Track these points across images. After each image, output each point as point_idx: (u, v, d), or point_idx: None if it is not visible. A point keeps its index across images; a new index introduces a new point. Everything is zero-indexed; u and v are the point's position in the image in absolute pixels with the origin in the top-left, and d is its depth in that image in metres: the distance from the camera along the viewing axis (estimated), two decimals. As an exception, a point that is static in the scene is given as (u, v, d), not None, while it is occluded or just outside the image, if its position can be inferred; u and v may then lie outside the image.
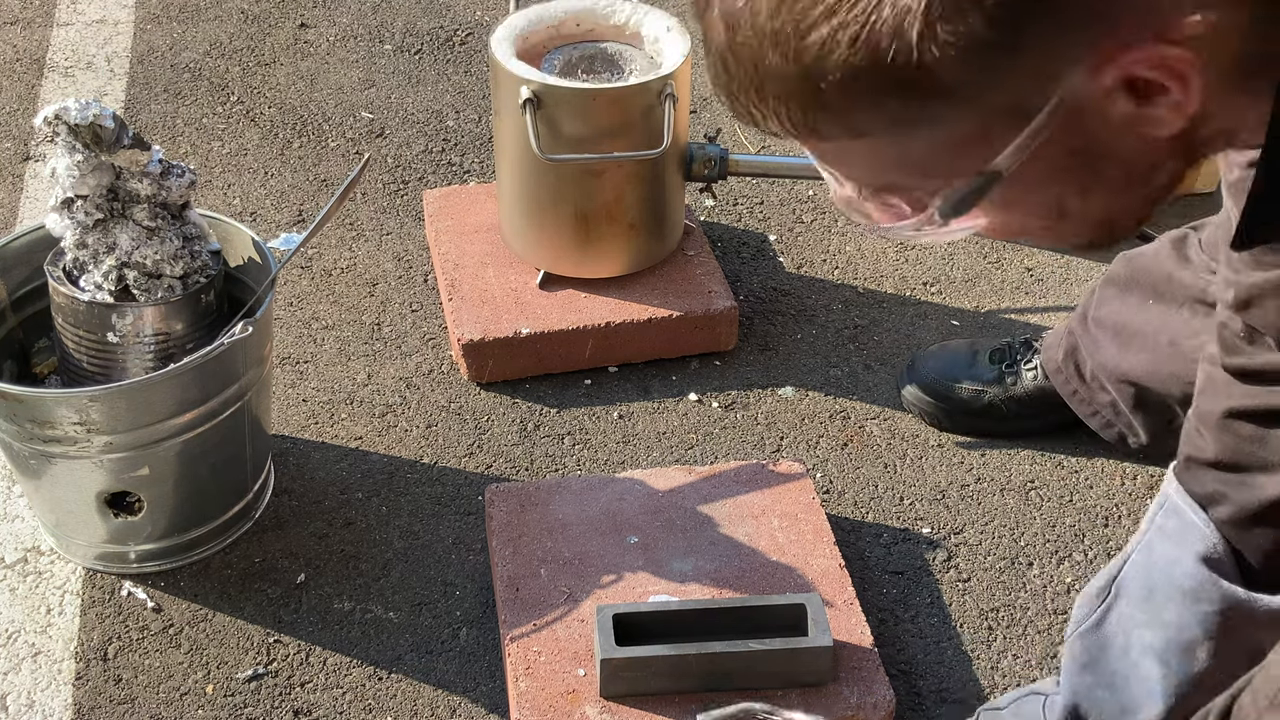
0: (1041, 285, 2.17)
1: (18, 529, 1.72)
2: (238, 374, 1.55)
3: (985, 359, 1.87)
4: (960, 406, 1.86)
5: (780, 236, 2.25)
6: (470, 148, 2.45)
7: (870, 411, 1.92)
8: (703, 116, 2.55)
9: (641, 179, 1.90)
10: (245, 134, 2.47)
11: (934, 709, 1.54)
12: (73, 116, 1.45)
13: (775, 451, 1.86)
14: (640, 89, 1.81)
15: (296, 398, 1.92)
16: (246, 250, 1.67)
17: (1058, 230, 0.86)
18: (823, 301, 2.12)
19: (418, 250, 2.19)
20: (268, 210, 2.28)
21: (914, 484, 1.82)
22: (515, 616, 1.53)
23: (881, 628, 1.62)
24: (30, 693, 1.53)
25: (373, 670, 1.56)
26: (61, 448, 1.50)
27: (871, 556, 1.71)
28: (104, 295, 1.53)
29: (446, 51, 2.73)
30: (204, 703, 1.53)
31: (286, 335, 2.02)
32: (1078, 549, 1.73)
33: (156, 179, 1.52)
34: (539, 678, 1.46)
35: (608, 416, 1.90)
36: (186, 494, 1.60)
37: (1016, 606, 1.66)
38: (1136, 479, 1.83)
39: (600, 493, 1.68)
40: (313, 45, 2.73)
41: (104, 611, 1.62)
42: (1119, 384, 1.71)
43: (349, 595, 1.65)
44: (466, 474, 1.81)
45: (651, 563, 1.59)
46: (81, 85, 2.60)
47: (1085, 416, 1.79)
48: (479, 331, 1.90)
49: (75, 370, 1.59)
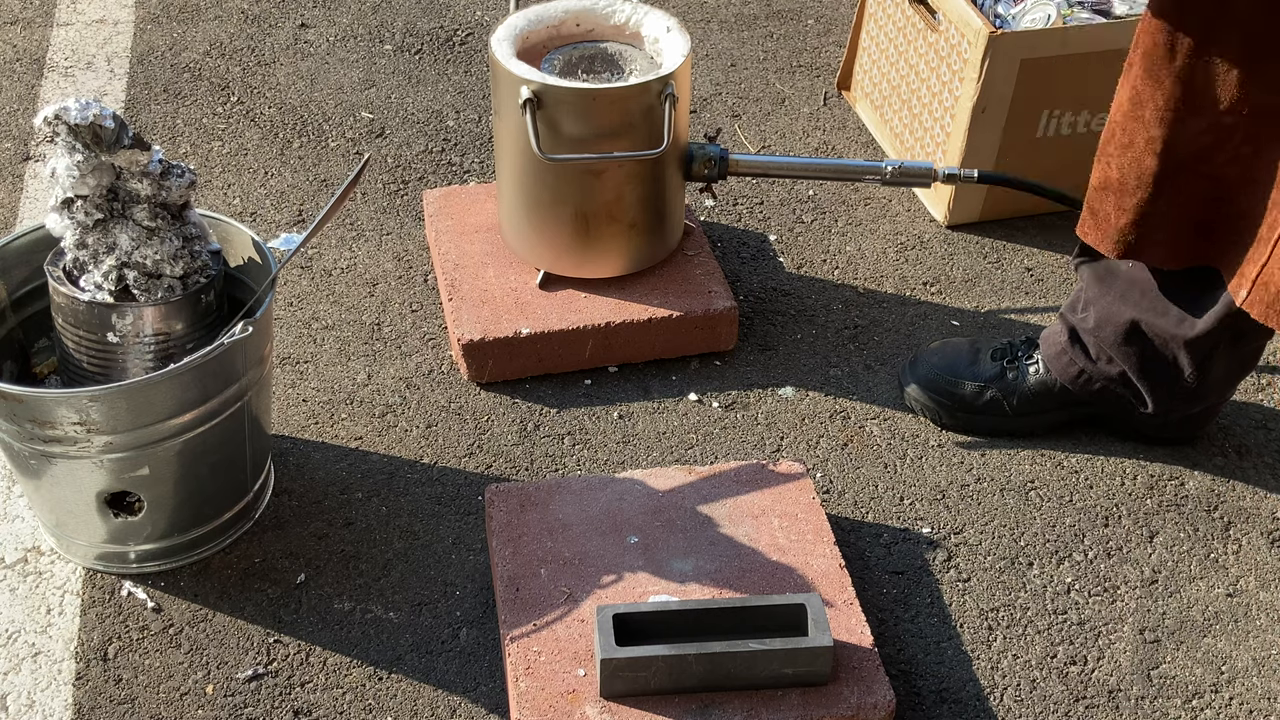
0: (1041, 285, 2.17)
1: (18, 529, 1.72)
2: (238, 374, 1.55)
3: (987, 357, 1.88)
4: (962, 403, 1.86)
5: (780, 236, 2.25)
6: (470, 148, 2.45)
7: (870, 411, 1.92)
8: (703, 116, 2.55)
9: (641, 179, 1.90)
10: (245, 134, 2.47)
11: (934, 709, 1.54)
12: (73, 116, 1.45)
13: (775, 451, 1.86)
14: (640, 89, 1.81)
15: (296, 398, 1.92)
16: (246, 250, 1.67)
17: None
18: (823, 301, 2.12)
19: (418, 250, 2.19)
20: (268, 210, 2.28)
21: (914, 484, 1.82)
22: (515, 616, 1.53)
23: (881, 628, 1.62)
24: (30, 693, 1.53)
25: (373, 670, 1.56)
26: (61, 448, 1.50)
27: (871, 556, 1.71)
28: (104, 295, 1.53)
29: (446, 51, 2.73)
30: (204, 703, 1.53)
31: (286, 335, 2.02)
32: (1078, 549, 1.73)
33: (156, 179, 1.52)
34: (539, 678, 1.46)
35: (608, 416, 1.90)
36: (186, 494, 1.60)
37: (1016, 606, 1.66)
38: (1136, 479, 1.83)
39: (600, 493, 1.68)
40: (313, 45, 2.73)
41: (104, 611, 1.62)
42: (1124, 347, 1.73)
43: (349, 595, 1.65)
44: (466, 474, 1.81)
45: (651, 563, 1.59)
46: (81, 85, 2.60)
47: (1092, 396, 1.80)
48: (479, 331, 1.90)
49: (75, 370, 1.59)
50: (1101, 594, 1.68)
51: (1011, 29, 2.11)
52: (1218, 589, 1.69)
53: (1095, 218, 1.66)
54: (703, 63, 2.72)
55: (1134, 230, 1.62)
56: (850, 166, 2.03)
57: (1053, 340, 1.83)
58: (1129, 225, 1.62)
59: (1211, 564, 1.72)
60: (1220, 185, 1.55)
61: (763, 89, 2.64)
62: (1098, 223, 1.65)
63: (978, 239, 2.26)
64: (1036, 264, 2.21)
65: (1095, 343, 1.76)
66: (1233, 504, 1.80)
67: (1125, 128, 1.57)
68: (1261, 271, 1.52)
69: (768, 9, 2.92)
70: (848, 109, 2.58)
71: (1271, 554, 1.74)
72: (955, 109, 2.18)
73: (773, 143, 2.48)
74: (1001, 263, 2.21)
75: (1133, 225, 1.61)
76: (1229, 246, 1.59)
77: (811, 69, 2.71)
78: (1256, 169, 1.51)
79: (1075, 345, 1.79)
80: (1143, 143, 1.55)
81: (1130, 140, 1.56)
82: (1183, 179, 1.56)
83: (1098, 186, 1.64)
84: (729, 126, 2.51)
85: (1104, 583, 1.69)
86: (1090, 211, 1.67)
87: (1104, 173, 1.62)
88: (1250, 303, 1.54)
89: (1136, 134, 1.55)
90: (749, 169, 2.04)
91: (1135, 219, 1.61)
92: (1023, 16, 2.16)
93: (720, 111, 2.57)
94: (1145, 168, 1.56)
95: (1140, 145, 1.55)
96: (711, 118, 2.54)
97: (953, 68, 2.18)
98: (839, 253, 2.22)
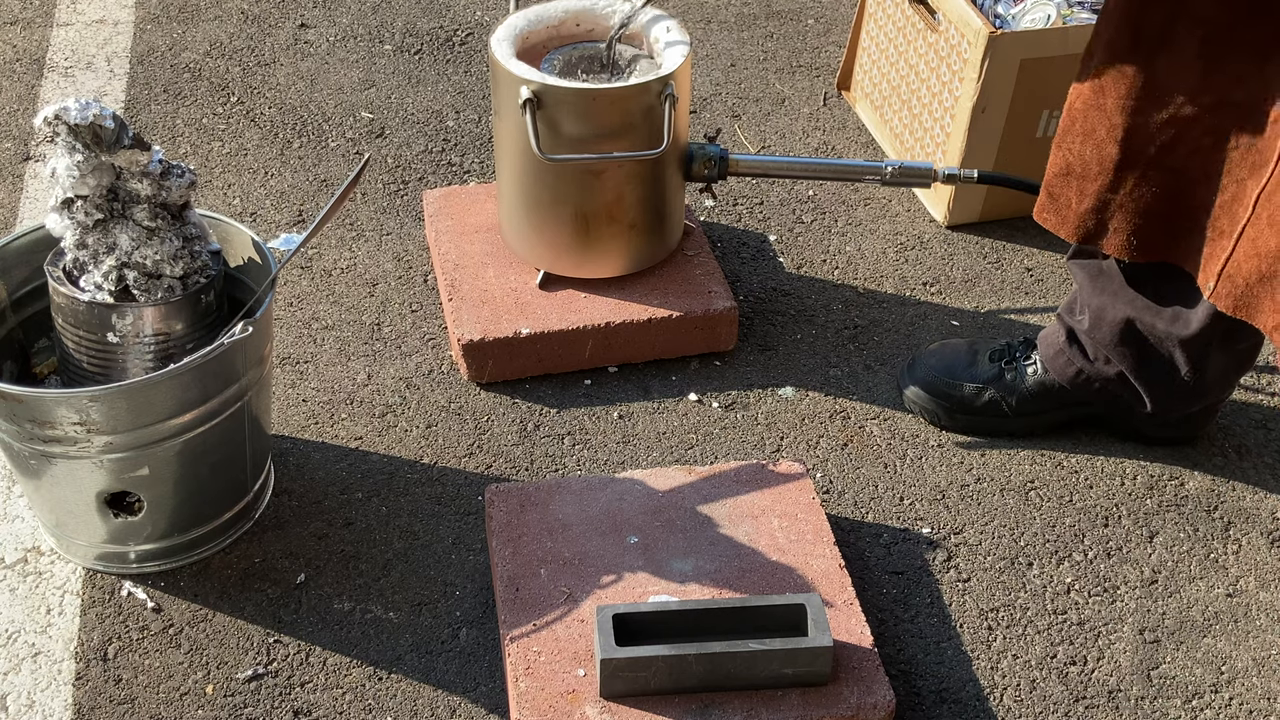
0: (1041, 285, 2.17)
1: (18, 529, 1.72)
2: (238, 374, 1.55)
3: (985, 358, 1.88)
4: (961, 404, 1.86)
5: (780, 236, 2.25)
6: (470, 148, 2.45)
7: (870, 411, 1.92)
8: (703, 116, 2.55)
9: (641, 179, 1.90)
10: (245, 134, 2.47)
11: (934, 709, 1.54)
12: (73, 116, 1.45)
13: (775, 451, 1.86)
14: (640, 89, 1.81)
15: (296, 398, 1.92)
16: (246, 250, 1.67)
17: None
18: (823, 301, 2.12)
19: (418, 250, 2.19)
20: (268, 210, 2.28)
21: (914, 484, 1.82)
22: (515, 616, 1.53)
23: (881, 628, 1.62)
24: (30, 693, 1.53)
25: (373, 670, 1.56)
26: (61, 448, 1.50)
27: (871, 556, 1.71)
28: (104, 295, 1.53)
29: (446, 51, 2.73)
30: (204, 703, 1.53)
31: (286, 335, 2.02)
32: (1078, 549, 1.73)
33: (156, 179, 1.52)
34: (539, 678, 1.46)
35: (608, 416, 1.90)
36: (186, 494, 1.60)
37: (1016, 606, 1.66)
38: (1136, 479, 1.83)
39: (600, 493, 1.68)
40: (313, 45, 2.73)
41: (104, 611, 1.62)
42: (1120, 347, 1.73)
43: (349, 595, 1.65)
44: (466, 474, 1.81)
45: (651, 563, 1.59)
46: (81, 85, 2.60)
47: (1091, 396, 1.80)
48: (479, 331, 1.90)
49: (75, 370, 1.59)
50: (1101, 594, 1.68)
51: (1011, 29, 2.11)
52: (1218, 589, 1.69)
53: (1055, 202, 1.66)
54: (703, 63, 2.72)
55: (1094, 216, 1.62)
56: (850, 166, 2.03)
57: (1050, 341, 1.83)
58: (1089, 211, 1.62)
59: (1211, 564, 1.72)
60: (1180, 179, 1.55)
61: (763, 89, 2.64)
62: (1057, 208, 1.66)
63: (978, 239, 2.26)
64: (1036, 264, 2.21)
65: (1092, 343, 1.77)
66: (1233, 504, 1.80)
67: (1087, 116, 1.57)
68: (1226, 264, 1.52)
69: (768, 9, 2.92)
70: (848, 109, 2.59)
71: (1271, 554, 1.74)
72: (955, 109, 2.18)
73: (773, 143, 2.48)
74: (1001, 263, 2.21)
75: (1093, 211, 1.62)
76: (1190, 241, 1.59)
77: (811, 69, 2.71)
78: (1216, 162, 1.51)
79: (1073, 345, 1.79)
80: (1104, 131, 1.56)
81: (1092, 128, 1.57)
82: (1144, 170, 1.56)
83: (1058, 173, 1.64)
84: (729, 126, 2.51)
85: (1104, 583, 1.69)
86: (1049, 196, 1.67)
87: (1065, 159, 1.62)
88: (1217, 295, 1.55)
89: (1098, 122, 1.56)
90: (749, 169, 2.04)
91: (1096, 204, 1.61)
92: (1023, 16, 2.16)
93: (720, 111, 2.57)
94: (1107, 155, 1.57)
95: (1102, 133, 1.56)
96: (711, 118, 2.54)
97: (953, 68, 2.18)
98: (839, 253, 2.22)
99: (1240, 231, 1.50)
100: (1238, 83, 1.45)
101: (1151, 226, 1.60)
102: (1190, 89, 1.48)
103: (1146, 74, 1.50)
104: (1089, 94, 1.56)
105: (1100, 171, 1.58)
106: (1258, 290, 1.49)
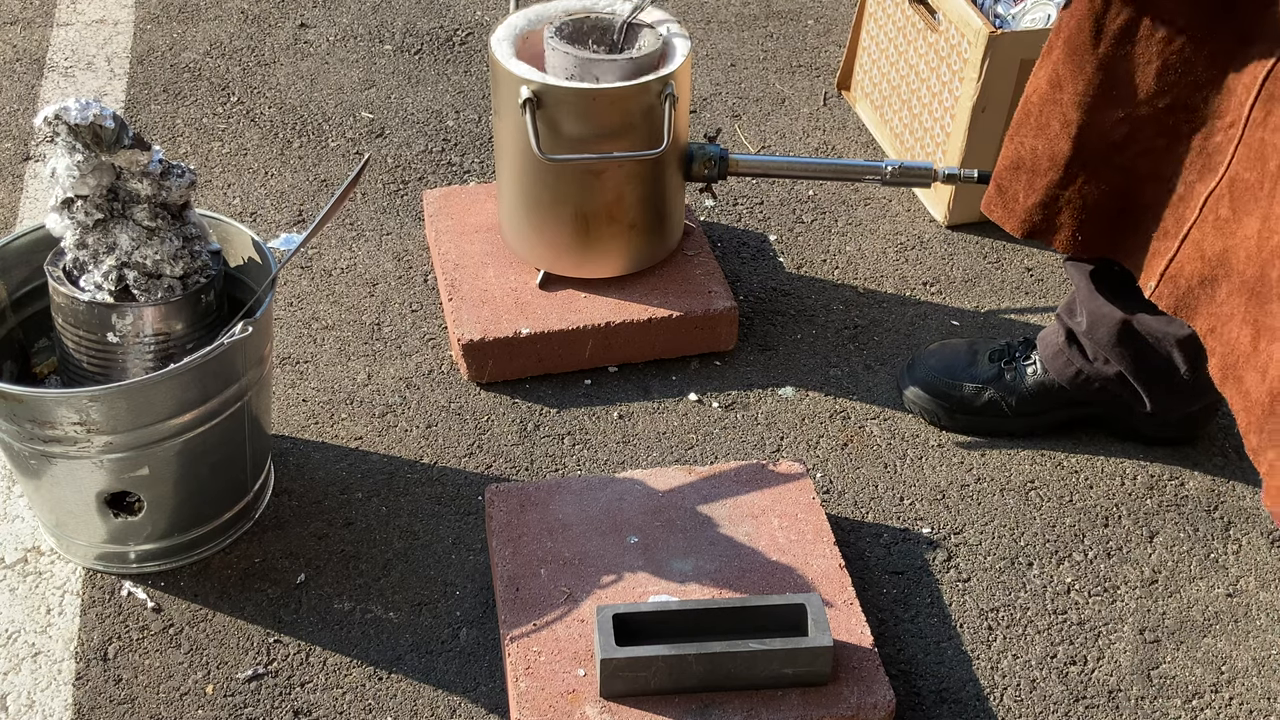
0: (1041, 285, 2.17)
1: (18, 529, 1.72)
2: (238, 374, 1.55)
3: (985, 358, 1.88)
4: (961, 404, 1.86)
5: (780, 236, 2.25)
6: (470, 148, 2.45)
7: (870, 411, 1.92)
8: (703, 116, 2.55)
9: (641, 179, 1.90)
10: (245, 134, 2.47)
11: (934, 709, 1.54)
12: (73, 116, 1.45)
13: (775, 451, 1.86)
14: (640, 89, 1.81)
15: (296, 398, 1.92)
16: (246, 250, 1.67)
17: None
18: (823, 301, 2.12)
19: (418, 250, 2.19)
20: (268, 210, 2.28)
21: (914, 484, 1.82)
22: (515, 616, 1.53)
23: (881, 628, 1.62)
24: (30, 693, 1.53)
25: (373, 670, 1.56)
26: (61, 448, 1.50)
27: (871, 556, 1.71)
28: (104, 295, 1.53)
29: (446, 51, 2.73)
30: (204, 703, 1.53)
31: (286, 335, 2.02)
32: (1078, 549, 1.73)
33: (156, 179, 1.52)
34: (539, 678, 1.46)
35: (608, 416, 1.90)
36: (186, 494, 1.60)
37: (1016, 606, 1.66)
38: (1136, 479, 1.83)
39: (600, 493, 1.68)
40: (313, 45, 2.73)
41: (104, 611, 1.62)
42: (1118, 347, 1.73)
43: (349, 595, 1.65)
44: (466, 474, 1.81)
45: (651, 563, 1.59)
46: (81, 85, 2.60)
47: (1090, 396, 1.81)
48: (479, 331, 1.90)
49: (75, 370, 1.59)
50: (1101, 594, 1.68)
51: (1011, 29, 2.11)
52: (1218, 589, 1.69)
53: (1003, 196, 1.66)
54: (703, 63, 2.72)
55: (1040, 211, 1.62)
56: (850, 166, 2.03)
57: (1050, 341, 1.83)
58: (1036, 206, 1.62)
59: (1211, 564, 1.72)
60: (1130, 177, 1.55)
61: (763, 89, 2.64)
62: (1005, 201, 1.66)
63: (978, 239, 2.26)
64: (1036, 264, 2.21)
65: (1091, 344, 1.77)
66: (1233, 504, 1.80)
67: (1042, 110, 1.57)
68: (1169, 265, 1.53)
69: (768, 9, 2.92)
70: (848, 109, 2.59)
71: (1271, 554, 1.74)
72: (955, 109, 2.18)
73: (773, 143, 2.48)
74: (1001, 263, 2.21)
75: (1040, 206, 1.62)
76: (1135, 239, 1.59)
77: (811, 69, 2.71)
78: (1168, 163, 1.51)
79: (1072, 346, 1.79)
80: (1058, 125, 1.55)
81: (1046, 122, 1.57)
82: (1094, 168, 1.56)
83: (1009, 165, 1.64)
84: (729, 126, 2.52)
85: (1104, 583, 1.69)
86: (998, 189, 1.66)
87: (1016, 152, 1.62)
88: (1158, 295, 1.55)
89: (1053, 117, 1.56)
90: (749, 169, 2.04)
91: (1043, 200, 1.61)
92: (1023, 16, 2.16)
93: (720, 111, 2.57)
94: (1059, 150, 1.57)
95: (1055, 128, 1.56)
96: (711, 118, 2.55)
97: (953, 68, 2.18)
98: (839, 253, 2.22)
99: (1185, 233, 1.50)
100: (1195, 87, 1.45)
101: (1098, 223, 1.60)
102: (1149, 90, 1.48)
103: (1105, 72, 1.49)
104: (1046, 88, 1.56)
105: (1051, 166, 1.58)
106: (1198, 292, 1.50)
